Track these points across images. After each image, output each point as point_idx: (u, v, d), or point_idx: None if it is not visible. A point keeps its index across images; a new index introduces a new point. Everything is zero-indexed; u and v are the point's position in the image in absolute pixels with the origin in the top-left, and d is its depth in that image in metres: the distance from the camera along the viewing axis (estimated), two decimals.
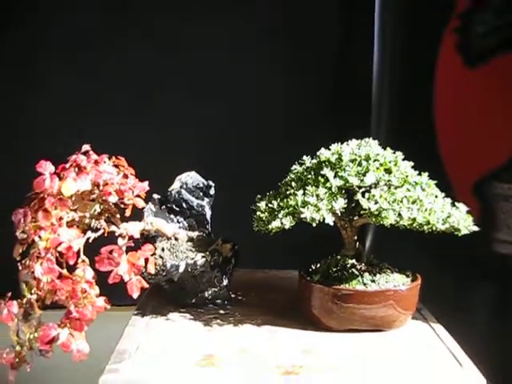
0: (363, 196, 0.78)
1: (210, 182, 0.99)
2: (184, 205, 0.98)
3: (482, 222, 1.21)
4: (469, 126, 1.26)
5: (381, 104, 1.47)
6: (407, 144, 1.35)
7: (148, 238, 0.91)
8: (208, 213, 0.99)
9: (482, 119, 1.24)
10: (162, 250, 0.91)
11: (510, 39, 1.19)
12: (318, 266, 0.90)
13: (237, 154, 1.40)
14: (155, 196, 0.96)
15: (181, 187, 0.98)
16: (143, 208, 0.88)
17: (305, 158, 0.86)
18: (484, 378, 0.74)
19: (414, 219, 0.75)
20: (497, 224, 1.20)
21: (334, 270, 0.86)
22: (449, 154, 1.30)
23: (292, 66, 1.45)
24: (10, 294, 0.74)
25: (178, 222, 0.98)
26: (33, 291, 0.73)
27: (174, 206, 0.97)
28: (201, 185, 0.99)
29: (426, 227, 0.76)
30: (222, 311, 0.93)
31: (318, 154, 0.85)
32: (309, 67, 1.45)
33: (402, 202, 0.76)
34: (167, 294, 0.93)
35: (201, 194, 0.99)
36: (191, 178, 0.99)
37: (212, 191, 0.99)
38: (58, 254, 0.74)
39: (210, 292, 0.92)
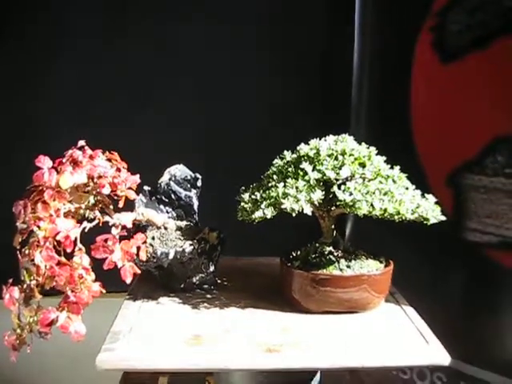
0: (339, 188, 0.84)
1: (197, 175, 1.05)
2: (173, 196, 1.03)
3: (455, 211, 1.29)
4: (443, 120, 1.32)
5: (360, 99, 1.52)
6: (385, 137, 1.43)
7: (139, 227, 0.97)
8: (195, 203, 1.05)
9: (455, 114, 1.29)
10: (153, 238, 0.96)
11: (482, 38, 1.25)
12: (299, 252, 0.97)
13: (224, 149, 1.46)
14: (146, 188, 1.01)
15: (170, 179, 1.03)
16: (135, 199, 0.94)
17: (285, 152, 0.92)
18: (448, 354, 0.81)
19: (385, 209, 0.82)
20: (468, 213, 1.26)
21: (313, 256, 0.92)
22: (424, 147, 1.35)
23: (277, 67, 1.50)
24: (11, 280, 0.80)
25: (168, 212, 1.04)
26: (33, 277, 0.79)
27: (164, 197, 1.03)
28: (188, 177, 1.04)
29: (396, 217, 0.83)
30: (208, 295, 0.99)
31: (297, 148, 0.91)
32: (292, 67, 1.50)
33: (374, 193, 0.83)
34: (157, 280, 0.99)
35: (188, 185, 1.04)
36: (179, 170, 1.04)
37: (199, 183, 1.05)
38: (56, 243, 0.79)
39: (197, 277, 0.98)
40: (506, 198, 1.20)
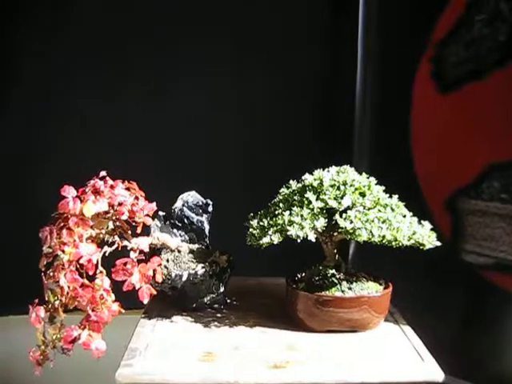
0: (341, 216, 0.90)
1: (209, 201, 1.11)
2: (185, 221, 1.09)
3: (453, 233, 1.35)
4: (441, 147, 1.38)
5: (362, 128, 1.59)
6: (387, 165, 1.49)
7: (154, 250, 1.03)
8: (207, 227, 1.11)
9: (453, 142, 1.35)
10: (167, 261, 1.02)
11: (478, 70, 1.31)
12: (303, 275, 1.02)
13: (230, 174, 1.53)
14: (160, 213, 1.07)
15: (183, 205, 1.09)
16: (150, 224, 1.00)
17: (291, 182, 0.98)
18: (443, 371, 0.87)
19: (384, 236, 0.88)
20: (465, 236, 1.32)
21: (317, 278, 0.97)
22: (424, 173, 1.41)
23: (278, 93, 1.56)
24: (37, 301, 0.87)
25: (181, 235, 1.10)
26: (57, 297, 0.85)
27: (177, 222, 1.09)
28: (200, 203, 1.11)
29: (394, 243, 0.89)
30: (218, 314, 1.04)
31: (302, 178, 0.97)
32: (296, 94, 1.57)
33: (373, 221, 0.89)
34: (171, 300, 1.04)
35: (200, 210, 1.11)
36: (192, 196, 1.11)
37: (210, 208, 1.11)
38: (79, 266, 0.86)
39: (208, 298, 1.03)
40: (500, 222, 1.25)
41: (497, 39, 1.26)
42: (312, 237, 0.89)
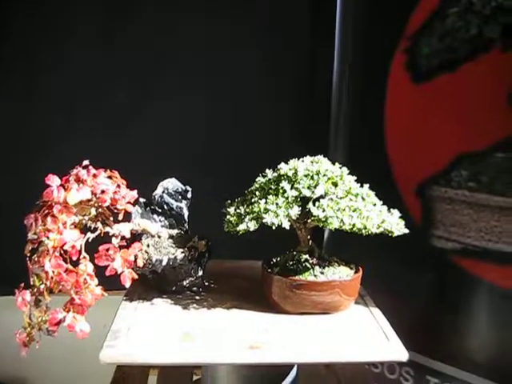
0: (314, 205, 0.95)
1: (188, 187, 1.15)
2: (165, 207, 1.13)
3: (423, 219, 1.41)
4: (413, 136, 1.42)
5: (339, 117, 1.63)
6: (362, 152, 1.54)
7: (135, 235, 1.07)
8: (186, 213, 1.15)
9: (424, 130, 1.39)
10: (148, 246, 1.06)
11: (449, 61, 1.36)
12: (278, 259, 1.06)
13: (210, 165, 1.58)
14: (141, 199, 1.10)
15: (163, 192, 1.13)
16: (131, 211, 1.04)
17: (267, 171, 1.03)
18: (406, 350, 0.93)
19: (354, 225, 0.92)
20: (435, 222, 1.38)
21: (291, 263, 1.02)
22: (397, 161, 1.46)
23: (262, 92, 1.61)
24: (22, 285, 0.90)
25: (160, 221, 1.14)
26: (42, 282, 0.89)
27: (157, 208, 1.13)
28: (179, 189, 1.14)
29: (363, 231, 0.94)
30: (197, 297, 1.07)
31: (278, 167, 1.01)
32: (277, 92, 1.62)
33: (344, 210, 0.93)
34: (151, 283, 1.07)
35: (179, 197, 1.14)
36: (171, 183, 1.14)
37: (189, 195, 1.15)
38: (63, 252, 0.89)
39: (187, 281, 1.07)
40: (468, 209, 1.31)
41: (468, 32, 1.30)
42: (286, 224, 0.93)
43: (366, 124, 1.56)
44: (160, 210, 1.13)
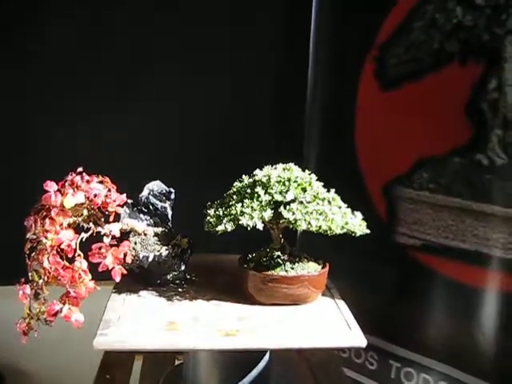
0: (285, 208, 1.05)
1: (171, 189, 1.25)
2: (151, 207, 1.23)
3: (388, 217, 1.53)
4: (381, 140, 1.52)
5: (312, 121, 1.73)
6: (334, 155, 1.65)
7: (124, 234, 1.17)
8: (169, 213, 1.24)
9: (391, 135, 1.50)
10: (135, 243, 1.15)
11: (414, 72, 1.46)
12: (254, 255, 1.16)
13: (192, 167, 1.69)
14: (129, 201, 1.21)
15: (148, 193, 1.23)
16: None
17: (244, 176, 1.13)
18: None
19: (320, 226, 1.03)
20: (398, 219, 1.50)
21: (264, 259, 1.11)
22: (366, 162, 1.56)
23: (236, 94, 1.71)
24: (23, 280, 1.00)
25: (146, 220, 1.23)
26: (41, 277, 0.99)
27: (143, 208, 1.22)
28: (164, 191, 1.24)
29: (329, 232, 1.04)
30: (180, 289, 1.16)
31: (253, 173, 1.12)
32: (252, 92, 1.72)
33: (312, 213, 1.04)
34: (138, 277, 1.16)
35: (164, 198, 1.24)
36: (157, 186, 1.24)
37: (172, 196, 1.24)
38: (59, 250, 1.00)
39: (171, 275, 1.16)
40: (428, 209, 1.43)
41: (431, 46, 1.41)
42: (260, 226, 1.04)
43: (338, 128, 1.66)
44: (146, 210, 1.23)
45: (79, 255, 0.99)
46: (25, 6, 1.59)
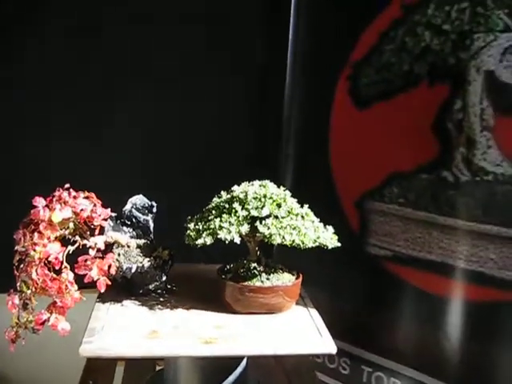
0: (260, 223, 1.12)
1: (153, 203, 1.30)
2: (134, 220, 1.28)
3: (360, 229, 1.61)
4: (354, 156, 1.60)
5: (289, 136, 1.81)
6: (310, 169, 1.72)
7: (108, 245, 1.23)
8: (151, 225, 1.30)
9: (364, 152, 1.56)
10: (119, 255, 1.20)
11: (385, 92, 1.54)
12: (231, 266, 1.22)
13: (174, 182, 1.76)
14: (112, 214, 1.26)
15: (131, 207, 1.29)
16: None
17: (222, 192, 1.19)
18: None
19: (293, 241, 1.10)
20: (370, 231, 1.58)
21: (242, 270, 1.17)
22: (339, 177, 1.61)
23: (213, 109, 1.79)
24: (12, 290, 1.06)
25: (130, 232, 1.29)
26: (29, 288, 1.05)
27: (127, 221, 1.28)
28: (146, 205, 1.30)
29: (301, 245, 1.11)
30: (161, 299, 1.21)
31: (231, 189, 1.19)
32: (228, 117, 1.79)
33: (286, 228, 1.10)
34: (121, 286, 1.21)
35: (146, 211, 1.30)
36: (139, 200, 1.29)
37: (154, 209, 1.30)
38: (47, 262, 1.05)
39: (152, 285, 1.21)
40: (397, 221, 1.50)
41: (401, 68, 1.49)
42: (237, 239, 1.10)
43: (313, 143, 1.74)
44: (129, 223, 1.29)
45: (66, 267, 1.05)
46: None
